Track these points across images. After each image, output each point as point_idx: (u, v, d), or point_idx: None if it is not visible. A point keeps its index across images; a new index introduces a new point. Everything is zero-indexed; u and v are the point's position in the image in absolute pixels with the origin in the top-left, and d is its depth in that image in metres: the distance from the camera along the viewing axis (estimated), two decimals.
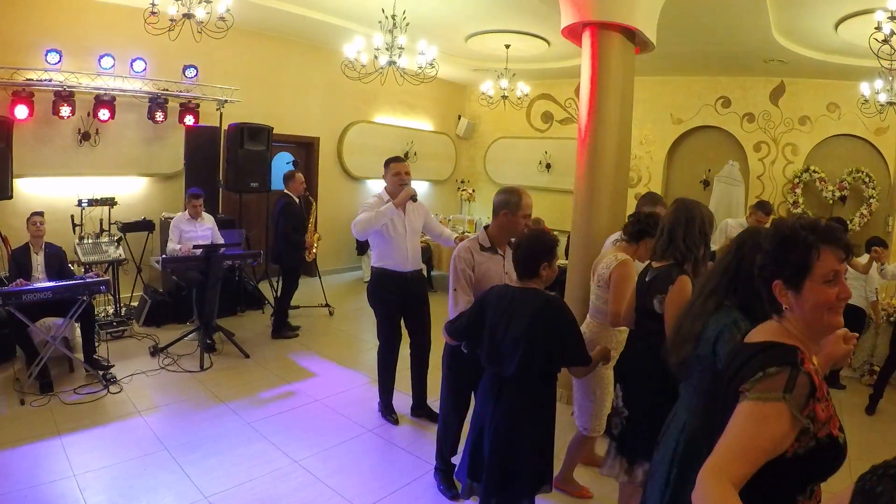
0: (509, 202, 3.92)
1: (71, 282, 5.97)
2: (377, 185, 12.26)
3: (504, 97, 10.98)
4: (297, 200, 7.87)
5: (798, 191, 10.69)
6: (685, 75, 11.57)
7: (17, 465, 4.36)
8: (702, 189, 11.65)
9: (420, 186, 13.19)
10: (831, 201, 10.45)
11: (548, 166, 13.41)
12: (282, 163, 10.13)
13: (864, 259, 6.99)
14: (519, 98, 11.45)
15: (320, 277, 9.54)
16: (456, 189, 14.62)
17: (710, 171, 11.59)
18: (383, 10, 7.56)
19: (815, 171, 10.55)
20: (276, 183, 9.67)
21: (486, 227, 4.12)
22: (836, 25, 7.82)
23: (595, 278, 4.27)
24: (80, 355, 6.14)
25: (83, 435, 4.89)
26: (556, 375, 3.32)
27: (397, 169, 5.41)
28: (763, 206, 7.32)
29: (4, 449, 4.55)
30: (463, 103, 14.80)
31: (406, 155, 12.85)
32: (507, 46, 10.33)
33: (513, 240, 3.62)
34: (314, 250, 8.27)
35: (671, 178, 12.28)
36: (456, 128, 14.60)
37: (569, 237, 6.84)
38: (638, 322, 3.44)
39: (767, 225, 6.58)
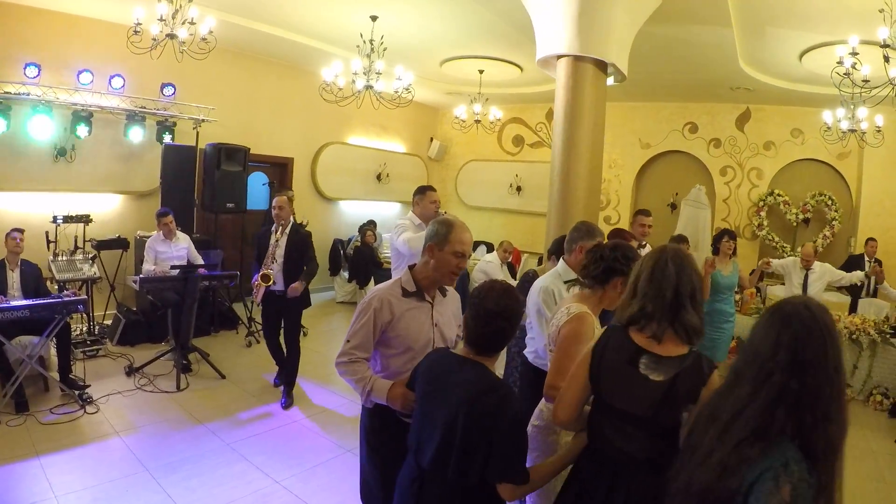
0: (436, 234, 3.05)
1: (49, 300, 5.91)
2: (351, 206, 12.39)
3: (477, 121, 11.12)
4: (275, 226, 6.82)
5: (763, 213, 11.00)
6: (654, 101, 11.88)
7: None
8: (669, 212, 11.90)
9: (392, 208, 13.33)
10: (795, 223, 10.77)
11: (518, 189, 13.55)
12: (257, 183, 10.14)
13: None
14: (492, 122, 11.60)
15: None
16: None
17: (677, 194, 11.86)
18: (361, 35, 7.66)
19: (779, 195, 10.86)
20: (252, 203, 9.68)
21: (411, 267, 3.20)
22: (801, 56, 8.12)
23: (548, 340, 3.24)
24: (55, 374, 6.08)
25: (62, 455, 4.83)
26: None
27: (434, 197, 5.81)
28: (643, 211, 6.99)
29: None
30: (435, 126, 14.92)
31: (379, 176, 12.95)
32: (481, 71, 10.48)
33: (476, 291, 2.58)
34: (257, 291, 6.52)
35: (639, 202, 12.48)
36: (428, 150, 14.70)
37: (540, 260, 6.99)
38: (629, 437, 2.23)
39: (649, 227, 6.74)
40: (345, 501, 4.44)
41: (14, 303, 5.70)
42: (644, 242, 6.52)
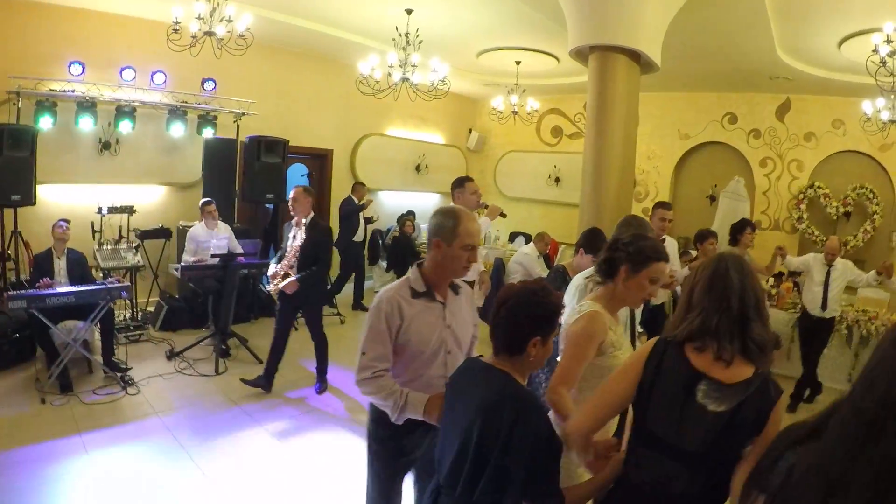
0: (442, 227, 2.81)
1: (93, 286, 6.18)
2: (390, 197, 12.49)
3: (514, 112, 11.16)
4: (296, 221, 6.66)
5: (802, 206, 10.75)
6: (692, 91, 11.70)
7: (40, 460, 4.53)
8: (708, 204, 11.76)
9: (431, 198, 13.41)
10: (835, 217, 10.52)
11: (557, 180, 13.52)
12: (296, 175, 10.35)
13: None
14: (529, 113, 11.61)
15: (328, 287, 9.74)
16: None
17: (716, 186, 11.69)
18: (397, 28, 7.76)
19: (819, 188, 10.62)
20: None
21: (419, 265, 2.95)
22: (840, 44, 7.94)
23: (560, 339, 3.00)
24: (99, 357, 6.34)
25: (103, 433, 5.07)
26: None
27: (474, 188, 5.73)
28: (663, 204, 6.61)
29: (27, 445, 4.73)
30: (474, 117, 14.94)
31: (417, 167, 13.07)
32: (518, 62, 10.49)
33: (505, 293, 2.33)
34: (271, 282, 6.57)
35: (678, 193, 12.36)
36: (467, 141, 14.77)
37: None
38: (673, 474, 1.96)
39: (669, 221, 6.37)
40: None
41: (60, 289, 5.97)
42: (663, 237, 6.22)
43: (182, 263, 7.48)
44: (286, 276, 6.32)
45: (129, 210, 8.08)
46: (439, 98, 8.76)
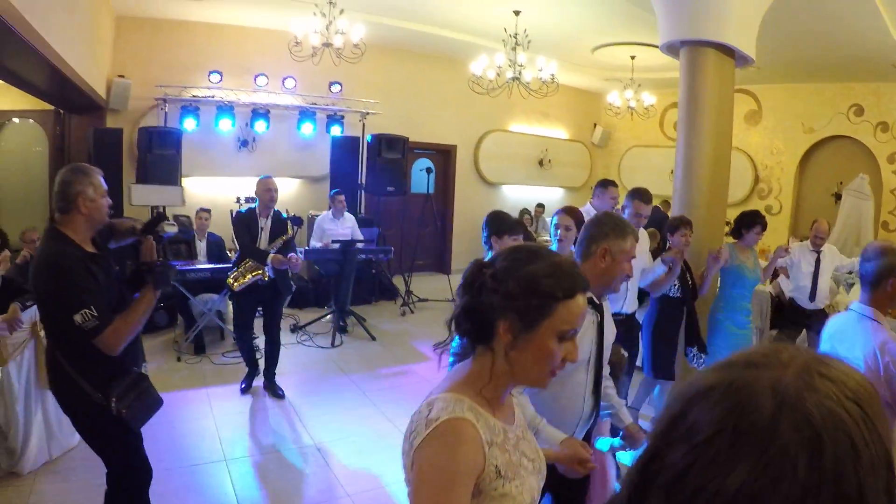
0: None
1: (227, 264, 7.08)
2: (511, 190, 13.00)
3: (630, 108, 11.27)
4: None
5: None
6: (815, 82, 11.10)
7: (170, 406, 5.32)
8: (833, 202, 11.05)
9: (555, 192, 13.70)
10: None
11: None
12: (418, 169, 11.04)
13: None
14: (646, 108, 11.59)
15: (449, 276, 10.30)
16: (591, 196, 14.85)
17: (841, 183, 10.97)
18: (506, 30, 8.15)
19: None
20: (415, 188, 10.63)
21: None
22: None
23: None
24: (230, 326, 7.19)
25: (225, 388, 5.92)
26: None
27: (614, 193, 5.75)
28: (640, 194, 5.10)
29: (162, 393, 5.57)
30: (598, 112, 14.93)
31: (541, 162, 13.41)
32: (633, 57, 10.60)
33: None
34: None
35: (803, 191, 11.84)
36: (591, 136, 14.92)
37: None
38: None
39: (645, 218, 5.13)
40: None
41: (199, 266, 6.94)
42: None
43: (307, 247, 8.30)
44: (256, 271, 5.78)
45: None
46: (551, 95, 9.08)
